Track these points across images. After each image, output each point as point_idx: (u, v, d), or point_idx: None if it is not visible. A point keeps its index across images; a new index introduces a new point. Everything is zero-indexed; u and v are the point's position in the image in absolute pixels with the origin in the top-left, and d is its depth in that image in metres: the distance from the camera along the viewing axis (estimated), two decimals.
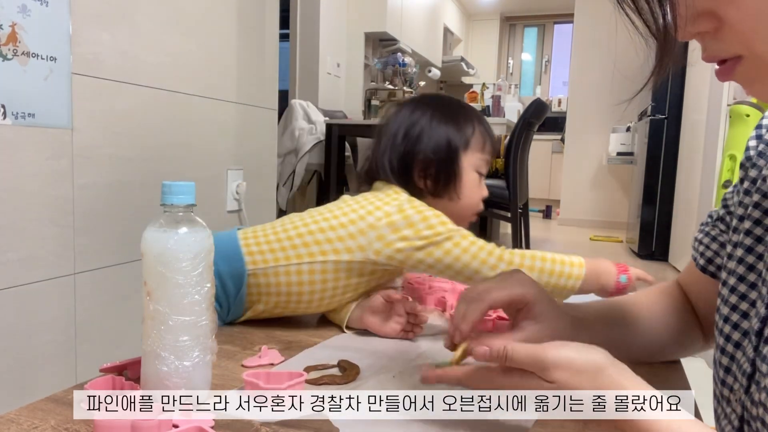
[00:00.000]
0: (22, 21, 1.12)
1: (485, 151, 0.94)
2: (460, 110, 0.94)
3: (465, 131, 0.91)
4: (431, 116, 0.91)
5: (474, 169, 0.92)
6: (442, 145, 0.89)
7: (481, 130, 0.93)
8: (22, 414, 0.55)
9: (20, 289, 1.17)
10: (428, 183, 0.90)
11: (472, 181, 0.92)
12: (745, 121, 2.39)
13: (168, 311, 0.55)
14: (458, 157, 0.90)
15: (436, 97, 0.98)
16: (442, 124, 0.90)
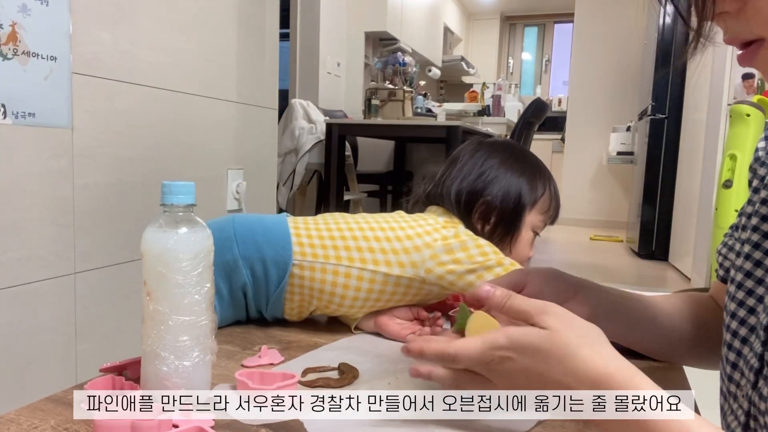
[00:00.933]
0: (22, 20, 1.12)
1: (548, 214, 0.93)
2: (537, 169, 0.93)
3: (537, 190, 0.91)
4: (510, 165, 0.90)
5: (532, 228, 0.92)
6: (512, 197, 0.89)
7: (551, 193, 0.93)
8: (21, 414, 0.54)
9: (20, 289, 1.17)
10: (486, 227, 0.89)
11: (526, 239, 0.91)
12: (745, 120, 2.39)
13: (168, 311, 0.55)
14: (523, 213, 0.89)
15: (518, 149, 0.97)
16: (517, 176, 0.90)
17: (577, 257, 4.08)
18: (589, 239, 4.98)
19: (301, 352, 0.75)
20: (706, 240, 2.96)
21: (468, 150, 0.94)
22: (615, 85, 5.74)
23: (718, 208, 2.48)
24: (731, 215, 2.40)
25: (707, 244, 2.94)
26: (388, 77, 3.89)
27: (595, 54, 5.82)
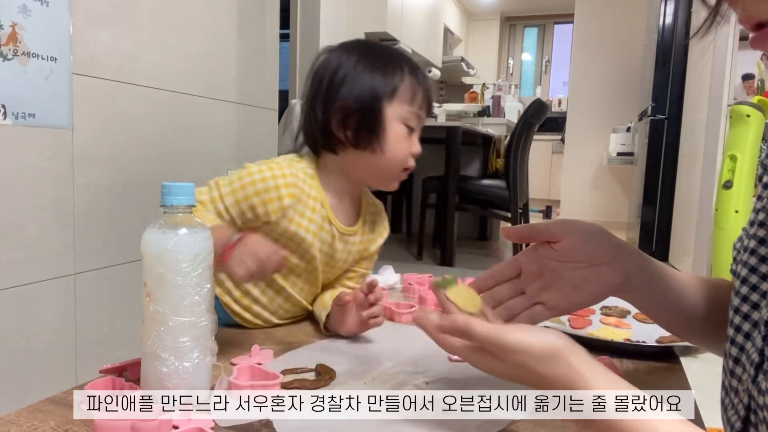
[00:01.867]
0: (22, 21, 1.12)
1: (414, 104, 0.87)
2: (390, 57, 0.87)
3: (392, 80, 0.85)
4: (356, 62, 0.85)
5: (401, 121, 0.86)
6: (365, 93, 0.84)
7: (412, 80, 0.86)
8: (21, 415, 0.55)
9: (20, 289, 1.17)
10: (348, 134, 0.85)
11: (397, 134, 0.86)
12: (745, 121, 2.39)
13: (168, 312, 0.55)
14: (381, 107, 0.84)
15: (366, 43, 0.91)
16: (367, 71, 0.85)
17: None
18: None
19: (300, 356, 0.75)
20: (706, 241, 2.96)
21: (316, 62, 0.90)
22: (615, 86, 5.74)
23: (718, 209, 2.48)
24: (731, 216, 2.40)
25: (707, 244, 2.94)
26: None
27: (595, 54, 5.82)
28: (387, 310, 0.95)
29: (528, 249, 0.63)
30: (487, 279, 0.63)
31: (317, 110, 0.86)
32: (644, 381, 0.67)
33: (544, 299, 0.60)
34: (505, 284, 0.62)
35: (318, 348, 0.78)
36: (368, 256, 0.98)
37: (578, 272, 0.59)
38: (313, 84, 0.89)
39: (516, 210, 3.40)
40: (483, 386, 0.63)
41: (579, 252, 0.58)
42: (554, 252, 0.59)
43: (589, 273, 0.59)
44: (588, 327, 0.89)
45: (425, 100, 0.88)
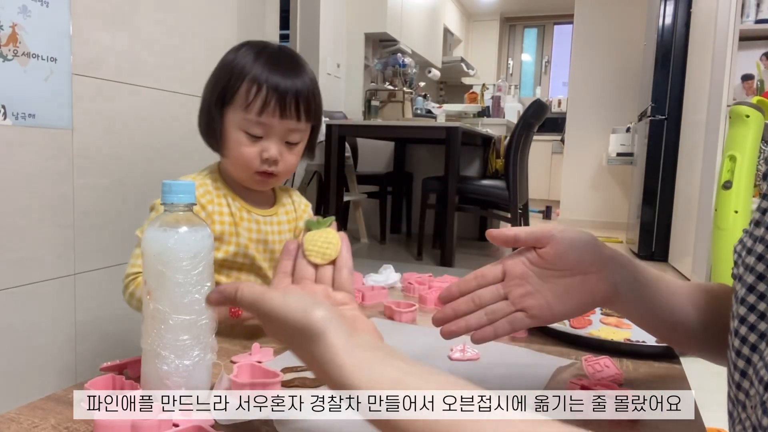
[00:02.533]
0: (22, 21, 1.12)
1: (251, 111, 0.83)
2: (234, 62, 0.86)
3: (229, 86, 0.84)
4: (221, 66, 0.88)
5: (238, 128, 0.85)
6: (206, 97, 0.88)
7: (251, 87, 0.82)
8: (22, 413, 0.55)
9: (20, 290, 1.17)
10: (204, 137, 0.90)
11: (236, 140, 0.86)
12: (744, 121, 2.39)
13: (168, 310, 0.55)
14: (215, 113, 0.86)
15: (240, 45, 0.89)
16: (214, 75, 0.88)
17: None
18: None
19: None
20: (706, 241, 2.97)
21: None
22: (615, 86, 5.75)
23: (718, 209, 2.48)
24: (731, 216, 2.40)
25: (707, 245, 2.94)
26: (388, 78, 3.89)
27: (594, 55, 5.82)
28: (387, 309, 0.95)
29: (514, 253, 0.60)
30: (470, 281, 0.60)
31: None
32: (644, 381, 0.67)
33: (527, 306, 0.57)
34: (489, 287, 0.59)
35: None
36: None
37: (563, 281, 0.56)
38: None
39: (516, 210, 3.40)
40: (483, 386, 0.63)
41: (565, 260, 0.56)
42: (540, 258, 0.57)
43: (574, 282, 0.56)
44: (588, 327, 0.89)
45: (270, 106, 0.83)
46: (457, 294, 0.59)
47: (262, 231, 0.92)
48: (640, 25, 5.10)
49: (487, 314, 0.58)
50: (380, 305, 0.99)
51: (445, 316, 0.59)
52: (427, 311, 1.00)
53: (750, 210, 2.41)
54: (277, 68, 0.84)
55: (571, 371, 0.71)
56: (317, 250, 0.54)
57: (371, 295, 1.03)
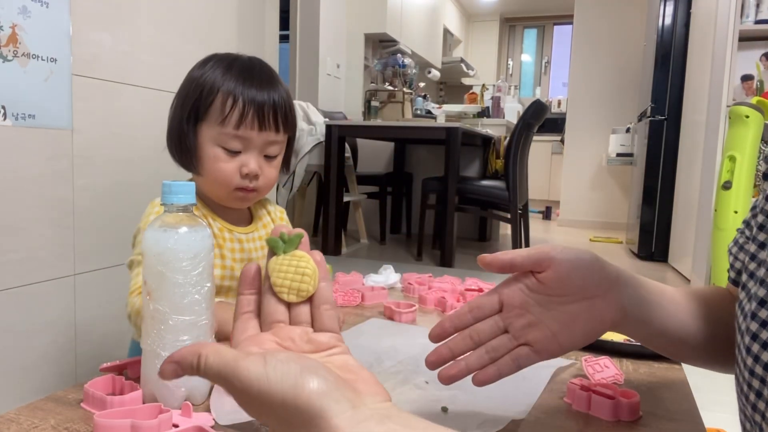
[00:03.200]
0: (22, 22, 1.12)
1: (228, 125, 0.80)
2: (203, 77, 0.83)
3: (201, 101, 0.81)
4: (188, 81, 0.84)
5: (215, 144, 0.81)
6: (176, 115, 0.84)
7: (227, 100, 0.80)
8: (22, 413, 0.55)
9: (20, 290, 1.17)
10: (176, 157, 0.86)
11: (212, 156, 0.82)
12: (744, 122, 2.39)
13: (168, 311, 0.55)
14: (183, 129, 0.82)
15: (219, 56, 0.87)
16: (183, 91, 0.84)
17: None
18: (589, 240, 4.98)
19: None
20: (706, 241, 2.97)
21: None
22: (614, 87, 5.75)
23: (718, 210, 2.48)
24: (730, 216, 2.40)
25: (707, 245, 2.94)
26: (388, 79, 3.90)
27: (594, 55, 5.82)
28: (387, 309, 0.95)
29: (510, 279, 0.53)
30: (465, 314, 0.53)
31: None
32: (644, 381, 0.68)
33: (530, 339, 0.51)
34: (486, 320, 0.53)
35: None
36: None
37: (568, 308, 0.51)
38: None
39: (515, 211, 3.40)
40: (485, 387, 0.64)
41: (567, 284, 0.50)
42: (539, 284, 0.51)
43: (580, 308, 0.50)
44: None
45: (248, 119, 0.80)
46: (451, 330, 0.53)
47: (246, 250, 0.88)
48: (639, 25, 5.10)
49: (488, 352, 0.52)
50: (380, 305, 0.99)
51: (440, 357, 0.52)
52: (427, 311, 1.00)
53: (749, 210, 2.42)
54: (251, 80, 0.82)
55: (571, 371, 0.71)
56: (289, 284, 0.42)
57: (371, 295, 1.03)
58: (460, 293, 1.08)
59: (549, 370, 0.70)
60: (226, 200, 0.86)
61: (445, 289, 1.10)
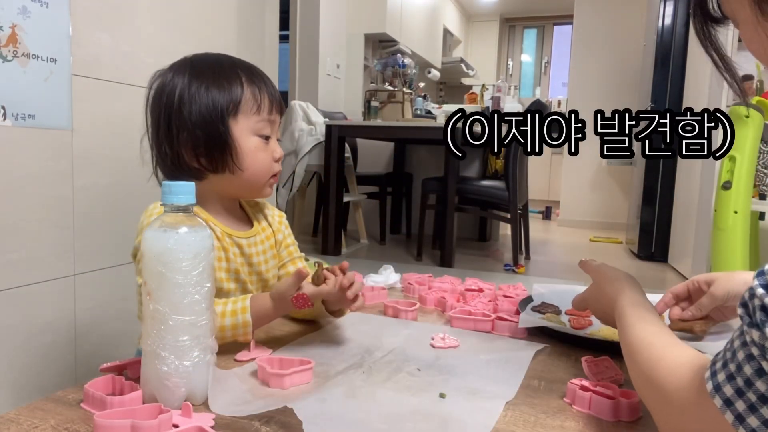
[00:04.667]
0: (22, 22, 1.12)
1: (262, 112, 0.83)
2: (222, 69, 0.83)
3: (230, 95, 0.81)
4: (189, 83, 0.80)
5: (252, 133, 0.83)
6: (207, 117, 0.79)
7: (252, 89, 0.82)
8: (22, 414, 0.55)
9: (20, 290, 1.17)
10: (203, 161, 0.81)
11: (253, 147, 0.83)
12: (744, 122, 2.39)
13: (168, 311, 0.55)
14: (227, 127, 0.80)
15: (195, 60, 0.85)
16: (203, 92, 0.80)
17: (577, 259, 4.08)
18: (589, 241, 4.98)
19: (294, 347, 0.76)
20: (706, 241, 2.97)
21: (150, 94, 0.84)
22: (614, 87, 5.75)
23: (718, 210, 2.48)
24: (730, 216, 2.40)
25: (707, 245, 2.94)
26: (388, 79, 3.89)
27: (594, 55, 5.82)
28: (390, 308, 0.95)
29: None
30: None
31: (164, 145, 0.81)
32: None
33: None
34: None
35: (310, 342, 0.80)
36: (283, 243, 0.96)
37: None
38: (153, 118, 0.84)
39: (515, 211, 3.40)
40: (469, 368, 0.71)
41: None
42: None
43: None
44: (588, 327, 0.89)
45: (272, 102, 0.84)
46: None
47: (246, 254, 0.88)
48: (639, 25, 5.10)
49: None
50: (380, 305, 0.99)
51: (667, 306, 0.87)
52: (427, 311, 1.00)
53: (749, 210, 2.41)
54: (252, 69, 0.87)
55: (570, 370, 0.71)
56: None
57: (371, 295, 1.03)
58: (460, 293, 1.08)
59: (529, 353, 0.77)
60: (257, 193, 0.88)
61: (445, 289, 1.10)
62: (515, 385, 0.65)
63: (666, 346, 0.55)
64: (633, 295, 0.69)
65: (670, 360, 0.52)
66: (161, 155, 0.83)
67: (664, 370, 0.51)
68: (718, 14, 0.54)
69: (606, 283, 0.76)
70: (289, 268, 0.96)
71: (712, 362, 0.45)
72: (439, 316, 0.97)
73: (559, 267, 3.62)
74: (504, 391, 0.63)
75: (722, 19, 0.54)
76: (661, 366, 0.52)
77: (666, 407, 0.50)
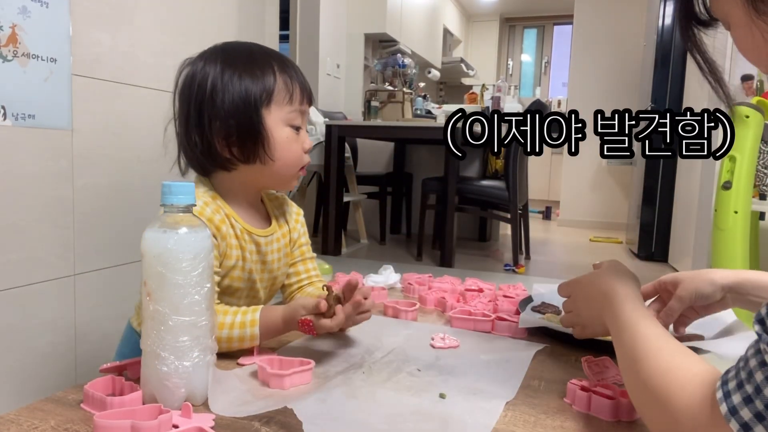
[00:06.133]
0: (22, 22, 1.12)
1: (294, 102, 0.83)
2: (254, 59, 0.82)
3: (263, 84, 0.80)
4: (221, 72, 0.79)
5: (285, 123, 0.82)
6: (240, 106, 0.79)
7: (284, 78, 0.82)
8: (21, 414, 0.55)
9: (20, 290, 1.17)
10: (234, 151, 0.81)
11: (285, 138, 0.82)
12: (744, 122, 2.39)
13: (168, 311, 0.55)
14: (261, 117, 0.80)
15: (226, 49, 0.84)
16: (236, 81, 0.79)
17: (577, 259, 4.08)
18: (589, 240, 4.98)
19: (295, 347, 0.76)
20: (706, 241, 2.97)
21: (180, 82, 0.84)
22: (614, 87, 5.74)
23: (718, 210, 2.48)
24: (730, 216, 2.40)
25: (707, 245, 2.94)
26: (388, 79, 3.89)
27: (594, 55, 5.82)
28: (390, 309, 0.95)
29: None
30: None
31: (194, 134, 0.81)
32: None
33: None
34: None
35: (310, 343, 0.80)
36: (297, 242, 0.96)
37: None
38: (182, 105, 0.83)
39: (515, 211, 3.40)
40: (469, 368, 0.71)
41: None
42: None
43: None
44: None
45: (303, 93, 0.84)
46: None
47: (262, 252, 0.87)
48: (639, 25, 5.10)
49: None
50: (380, 305, 0.99)
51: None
52: (427, 311, 1.00)
53: (750, 210, 2.41)
54: (283, 59, 0.85)
55: (570, 370, 0.71)
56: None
57: (371, 295, 1.03)
58: (460, 293, 1.08)
59: (529, 353, 0.77)
60: (286, 183, 0.88)
61: (445, 289, 1.10)
62: (515, 385, 0.65)
63: (674, 354, 0.49)
64: (629, 291, 0.63)
65: (680, 372, 0.47)
66: (190, 145, 0.82)
67: (674, 384, 0.46)
68: (705, 17, 0.51)
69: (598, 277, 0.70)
70: (298, 267, 0.96)
71: (723, 381, 0.42)
72: (439, 317, 0.97)
73: (559, 267, 3.62)
74: (504, 391, 0.63)
75: (709, 21, 0.51)
76: (670, 379, 0.47)
77: (673, 426, 0.45)
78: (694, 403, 0.43)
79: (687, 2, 0.51)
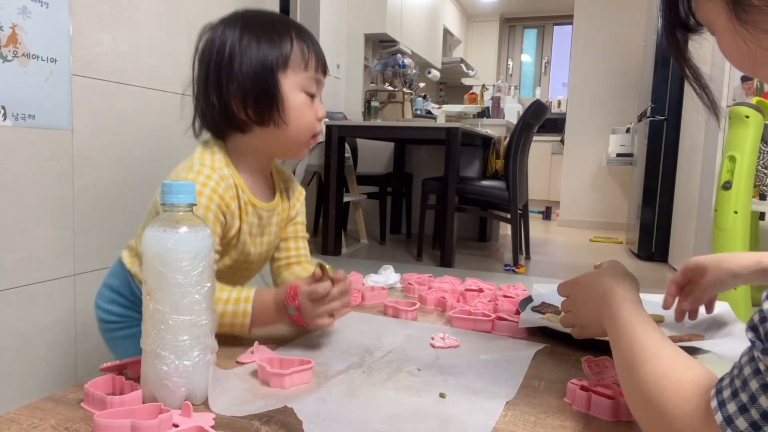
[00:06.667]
0: (22, 22, 1.12)
1: (310, 69, 0.85)
2: (274, 25, 0.84)
3: (281, 49, 0.82)
4: (240, 37, 0.82)
5: (300, 89, 0.84)
6: (257, 69, 0.81)
7: (302, 46, 0.84)
8: (22, 413, 0.55)
9: (20, 290, 1.17)
10: (250, 112, 0.83)
11: (299, 103, 0.84)
12: (744, 122, 2.39)
13: (168, 311, 0.55)
14: (276, 80, 0.82)
15: (246, 15, 0.87)
16: (254, 45, 0.82)
17: (577, 259, 4.08)
18: (589, 240, 4.98)
19: (294, 347, 0.76)
20: (706, 241, 2.97)
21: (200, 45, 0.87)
22: (614, 87, 5.75)
23: (718, 210, 2.48)
24: (730, 216, 2.40)
25: (707, 245, 2.94)
26: (388, 79, 3.89)
27: (594, 56, 5.82)
28: (390, 308, 0.95)
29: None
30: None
31: (212, 95, 0.83)
32: None
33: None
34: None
35: (310, 342, 0.80)
36: (294, 219, 0.97)
37: None
38: (201, 68, 0.86)
39: (515, 211, 3.40)
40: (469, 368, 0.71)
41: None
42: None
43: None
44: None
45: (319, 62, 0.86)
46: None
47: (262, 225, 0.89)
48: (639, 25, 5.10)
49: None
50: (380, 305, 0.99)
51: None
52: (427, 311, 1.00)
53: (749, 210, 2.41)
54: (301, 28, 0.87)
55: (569, 371, 0.71)
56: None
57: (371, 295, 1.03)
58: (460, 293, 1.08)
59: (529, 353, 0.77)
60: (298, 150, 0.89)
61: (445, 289, 1.10)
62: (515, 385, 0.65)
63: (670, 360, 0.49)
64: (627, 293, 0.63)
65: (676, 378, 0.47)
66: (208, 106, 0.84)
67: (669, 390, 0.46)
68: (692, 22, 0.51)
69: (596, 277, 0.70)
70: (290, 243, 0.97)
71: (718, 389, 0.41)
72: (439, 316, 0.97)
73: (559, 267, 3.62)
74: (504, 391, 0.63)
75: (695, 27, 0.51)
76: (665, 385, 0.46)
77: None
78: (690, 411, 0.43)
79: (673, 8, 0.51)
